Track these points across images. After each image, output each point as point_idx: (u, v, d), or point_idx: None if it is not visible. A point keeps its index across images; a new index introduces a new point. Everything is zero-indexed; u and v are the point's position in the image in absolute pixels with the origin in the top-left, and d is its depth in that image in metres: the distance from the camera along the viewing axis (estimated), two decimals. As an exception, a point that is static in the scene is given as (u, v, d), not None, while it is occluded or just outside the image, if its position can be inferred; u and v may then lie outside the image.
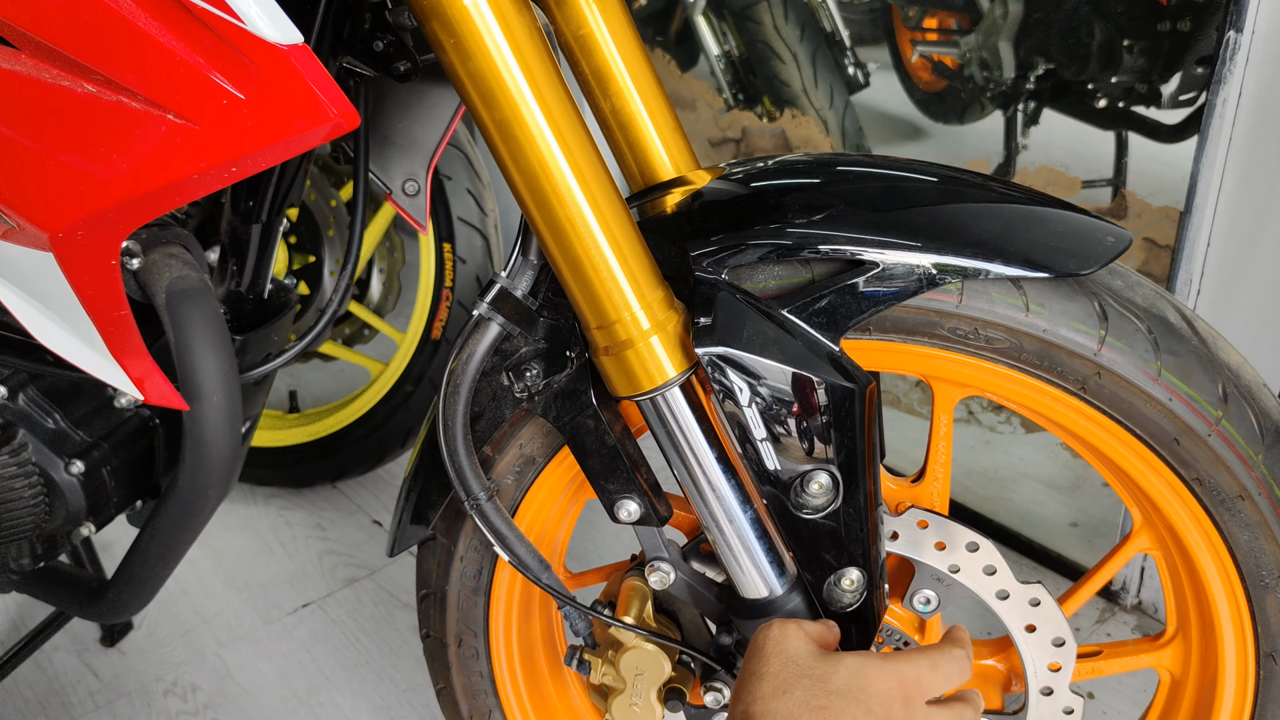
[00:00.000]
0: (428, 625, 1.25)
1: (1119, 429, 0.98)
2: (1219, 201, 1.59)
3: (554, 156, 0.86)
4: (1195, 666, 1.13)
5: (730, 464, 0.97)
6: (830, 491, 0.96)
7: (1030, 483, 2.13)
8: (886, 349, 0.99)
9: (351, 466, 2.25)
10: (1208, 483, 0.98)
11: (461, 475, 1.04)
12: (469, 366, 1.01)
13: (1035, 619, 1.09)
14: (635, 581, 1.09)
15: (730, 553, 1.00)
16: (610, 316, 0.91)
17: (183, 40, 0.74)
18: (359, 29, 1.10)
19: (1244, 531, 1.00)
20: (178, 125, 0.76)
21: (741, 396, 0.92)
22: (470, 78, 0.84)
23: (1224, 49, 1.50)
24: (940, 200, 0.96)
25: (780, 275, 0.95)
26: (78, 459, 1.22)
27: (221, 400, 1.06)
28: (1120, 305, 0.95)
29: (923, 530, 1.08)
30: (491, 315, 0.98)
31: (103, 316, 0.92)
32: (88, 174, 0.79)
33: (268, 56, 0.74)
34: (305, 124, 0.75)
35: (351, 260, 1.14)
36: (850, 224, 0.93)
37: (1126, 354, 0.95)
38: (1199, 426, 0.96)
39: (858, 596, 1.00)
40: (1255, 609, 1.04)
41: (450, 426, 1.02)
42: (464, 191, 2.08)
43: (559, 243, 0.90)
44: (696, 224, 0.98)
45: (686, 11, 2.43)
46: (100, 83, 0.76)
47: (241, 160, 0.76)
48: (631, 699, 1.07)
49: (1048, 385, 0.97)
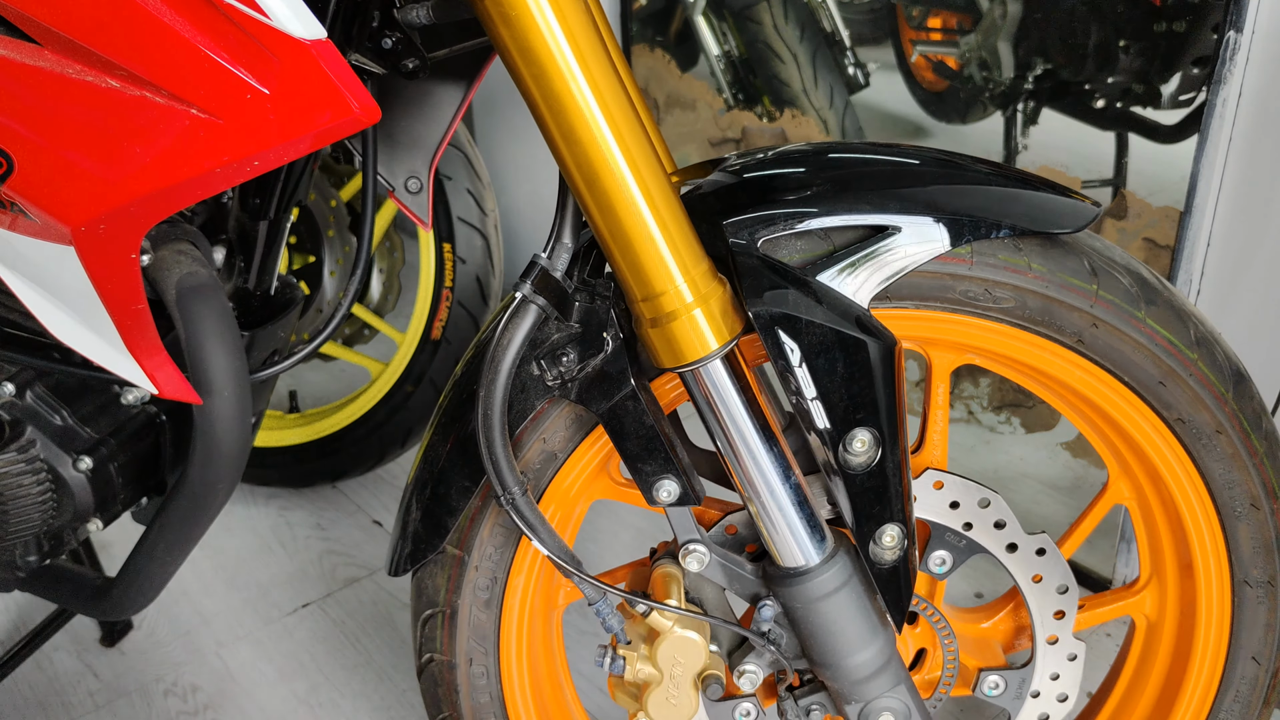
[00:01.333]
0: (431, 648, 1.21)
1: (1110, 378, 1.07)
2: (1219, 201, 1.60)
3: (603, 132, 0.89)
4: (1172, 607, 1.22)
5: (771, 433, 1.00)
6: (873, 447, 1.00)
7: (1030, 483, 2.14)
8: (892, 316, 1.04)
9: (351, 466, 2.25)
10: (1188, 421, 1.08)
11: (498, 468, 1.02)
12: (509, 351, 0.99)
13: (1041, 568, 1.15)
14: (668, 569, 1.10)
15: (771, 522, 1.03)
16: (657, 288, 0.94)
17: (207, 35, 0.75)
18: (368, 26, 1.10)
19: (1219, 465, 1.10)
20: (201, 120, 0.76)
21: (793, 356, 0.96)
22: (522, 55, 0.87)
23: (1224, 49, 1.51)
24: (943, 175, 1.03)
25: (802, 249, 1.00)
26: (85, 455, 1.22)
27: (232, 395, 1.06)
28: (1105, 263, 1.05)
29: (938, 491, 1.11)
30: (533, 297, 0.98)
31: (121, 310, 0.92)
32: (110, 168, 0.79)
33: (291, 51, 0.74)
34: (328, 118, 0.76)
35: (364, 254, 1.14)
36: (865, 196, 1.00)
37: (1116, 305, 1.04)
38: (1179, 368, 1.06)
39: (898, 553, 1.04)
40: (1229, 539, 1.14)
41: (489, 415, 1.01)
42: (464, 191, 2.08)
43: (607, 216, 0.92)
44: (723, 202, 1.02)
45: (686, 11, 2.43)
46: (124, 78, 0.76)
47: (264, 154, 0.77)
48: (669, 692, 1.07)
49: (1048, 341, 1.05)
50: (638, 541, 2.18)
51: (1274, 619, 1.18)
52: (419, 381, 2.13)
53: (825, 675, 1.09)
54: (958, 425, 2.26)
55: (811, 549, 1.03)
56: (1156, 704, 1.27)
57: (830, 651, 1.06)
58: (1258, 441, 1.11)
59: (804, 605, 1.05)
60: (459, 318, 2.11)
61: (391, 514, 2.29)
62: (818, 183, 1.01)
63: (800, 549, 1.03)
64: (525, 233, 3.04)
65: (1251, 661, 1.20)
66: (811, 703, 1.14)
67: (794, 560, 1.04)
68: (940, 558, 1.14)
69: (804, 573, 1.04)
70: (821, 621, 1.05)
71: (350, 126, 0.77)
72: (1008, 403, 2.19)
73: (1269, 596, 1.17)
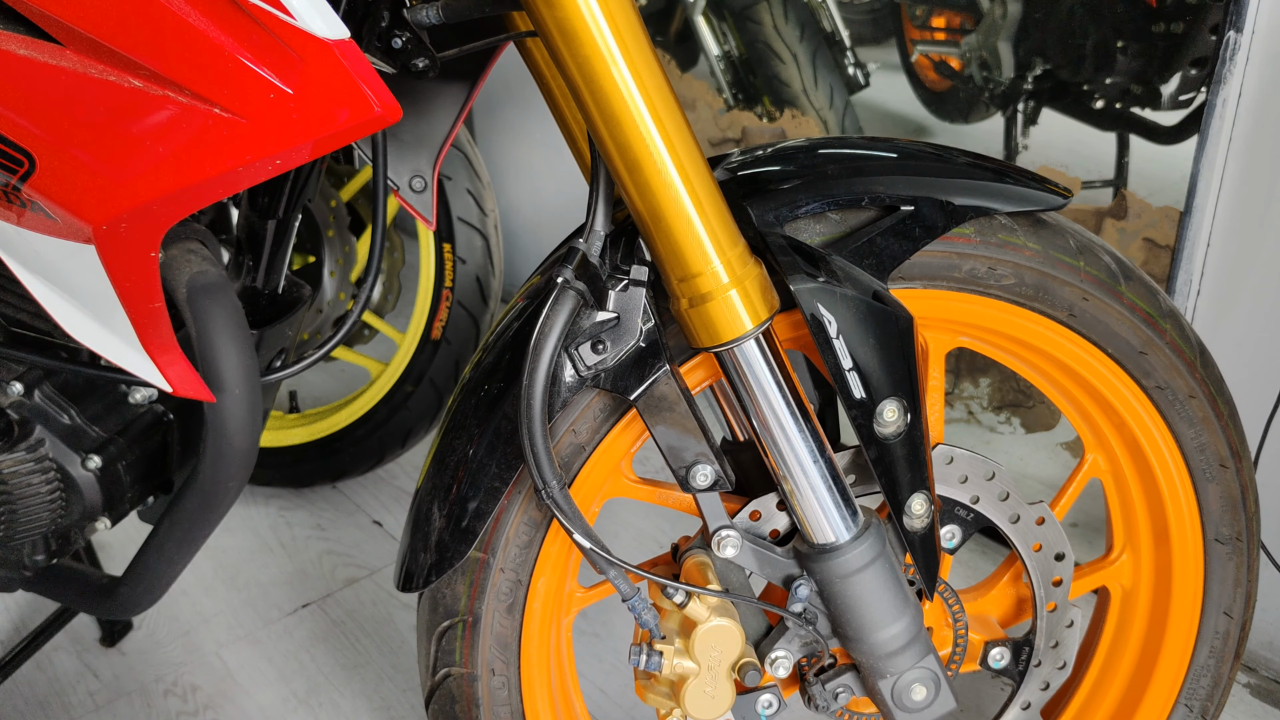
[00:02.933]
0: (449, 662, 1.17)
1: (1096, 350, 1.15)
2: (1219, 201, 1.60)
3: (643, 114, 0.91)
4: (1146, 573, 1.30)
5: (805, 411, 1.03)
6: (902, 416, 1.04)
7: (1030, 483, 2.14)
8: (897, 295, 1.08)
9: (351, 466, 2.25)
10: (1166, 387, 1.18)
11: (539, 461, 1.01)
12: (550, 339, 0.99)
13: (1041, 536, 1.21)
14: (700, 558, 1.11)
15: (805, 499, 1.06)
16: (694, 269, 0.96)
17: (231, 35, 0.75)
18: (377, 26, 1.10)
19: (1191, 428, 1.20)
20: (224, 119, 0.76)
21: (831, 329, 1.00)
22: (564, 39, 0.89)
23: (1223, 49, 1.52)
24: (937, 163, 1.11)
25: (820, 231, 1.06)
26: (94, 454, 1.22)
27: (243, 393, 1.06)
28: (1086, 242, 1.14)
29: (949, 465, 1.16)
30: (574, 283, 0.99)
31: (138, 309, 0.92)
32: (133, 168, 0.79)
33: (314, 50, 0.74)
34: (350, 117, 0.76)
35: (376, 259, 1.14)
36: (873, 181, 1.06)
37: (1100, 280, 1.13)
38: (1156, 337, 1.15)
39: (925, 520, 1.09)
40: (1200, 499, 1.23)
41: (531, 407, 1.00)
42: (464, 192, 2.08)
43: (646, 198, 0.94)
44: (745, 188, 1.06)
45: (686, 11, 2.44)
46: (147, 77, 0.76)
47: (286, 153, 0.77)
48: (705, 684, 1.07)
49: (1041, 316, 1.13)
50: (638, 542, 2.18)
51: (1241, 574, 1.27)
52: (419, 381, 2.13)
53: (858, 651, 1.11)
54: (958, 425, 2.26)
55: (843, 525, 1.07)
56: (1138, 666, 1.34)
57: (865, 626, 1.09)
58: (1223, 405, 1.21)
59: (839, 580, 1.08)
60: (459, 318, 2.11)
61: (392, 514, 2.29)
62: (827, 171, 1.07)
63: (833, 525, 1.07)
64: (525, 233, 3.04)
65: (1224, 616, 1.29)
66: (839, 685, 1.16)
67: (827, 537, 1.07)
68: (950, 532, 1.18)
69: (838, 548, 1.07)
70: (857, 596, 1.08)
71: (372, 125, 0.77)
72: (1008, 403, 2.19)
73: (1237, 553, 1.26)
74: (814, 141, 1.15)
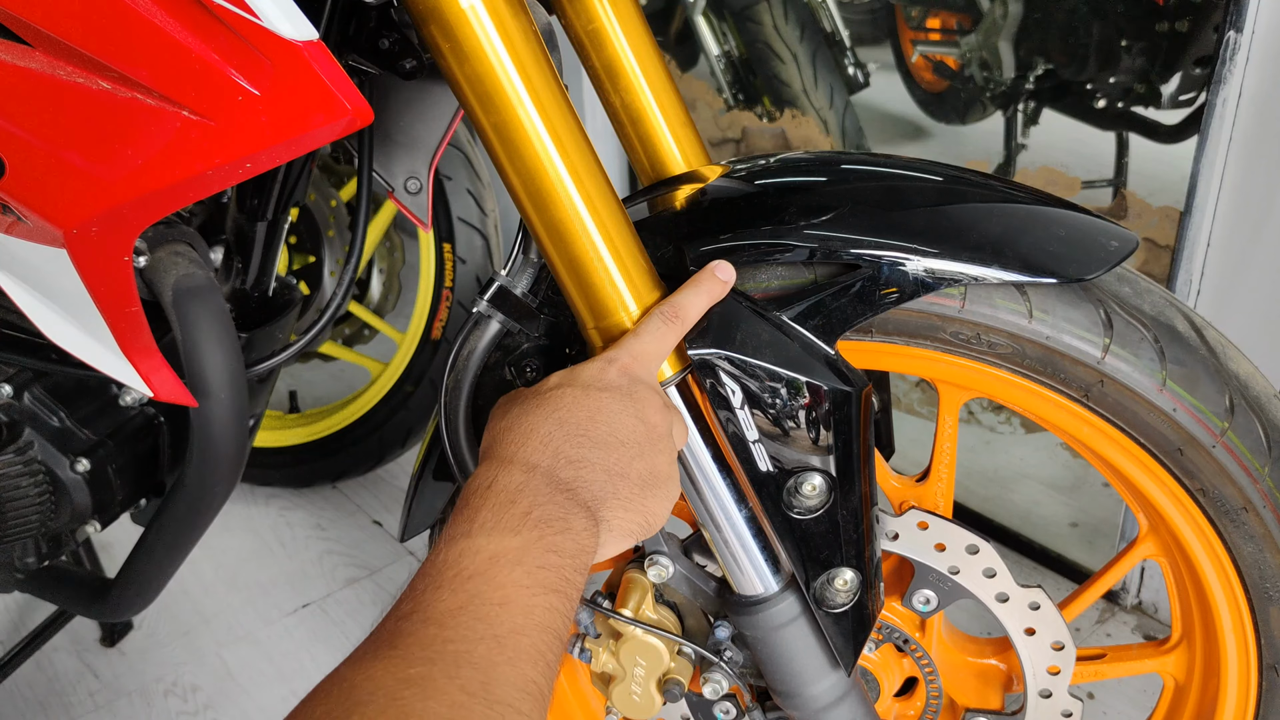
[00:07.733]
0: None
1: (1122, 436, 0.97)
2: (1219, 201, 1.59)
3: (551, 159, 0.86)
4: (1199, 673, 1.12)
5: (726, 463, 0.97)
6: (824, 493, 0.97)
7: (1030, 483, 2.13)
8: (891, 351, 0.99)
9: (351, 466, 2.25)
10: (1212, 494, 0.97)
11: (464, 468, 1.04)
12: (470, 362, 1.01)
13: (1034, 622, 1.09)
14: (635, 574, 1.10)
15: (726, 550, 0.99)
16: (606, 317, 0.91)
17: (198, 37, 0.74)
18: (364, 27, 1.10)
19: (1248, 544, 0.99)
20: (193, 121, 0.76)
21: (734, 399, 0.93)
22: (467, 81, 0.84)
23: (1224, 49, 1.50)
24: (942, 201, 0.94)
25: (783, 276, 0.95)
26: (83, 457, 1.22)
27: (229, 397, 1.06)
28: (1126, 313, 0.94)
29: (923, 531, 1.08)
30: (491, 313, 0.99)
31: (114, 313, 0.92)
32: (102, 171, 0.79)
33: (283, 53, 0.74)
34: (320, 120, 0.75)
35: (355, 255, 1.14)
36: (849, 226, 0.92)
37: (1131, 363, 0.93)
38: (1204, 438, 0.95)
39: (851, 597, 1.00)
40: (1259, 621, 1.03)
41: (453, 421, 1.03)
42: (464, 192, 2.08)
43: (556, 243, 0.90)
44: (697, 224, 0.97)
45: (686, 11, 2.43)
46: (115, 79, 0.76)
47: (256, 156, 0.76)
48: (632, 688, 1.07)
49: (1051, 391, 0.97)
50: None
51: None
52: (419, 381, 2.12)
53: (784, 703, 1.06)
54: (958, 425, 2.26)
55: (769, 577, 1.00)
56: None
57: (788, 679, 1.04)
58: None
59: (760, 633, 1.02)
60: (459, 318, 2.11)
61: (392, 514, 2.29)
62: (800, 208, 0.94)
63: (757, 578, 1.00)
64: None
65: None
66: (779, 717, 1.11)
67: (750, 589, 1.01)
68: (925, 596, 1.10)
69: (760, 601, 1.01)
70: (778, 650, 1.03)
71: (344, 128, 0.77)
72: (1008, 403, 2.18)
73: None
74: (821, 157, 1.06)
